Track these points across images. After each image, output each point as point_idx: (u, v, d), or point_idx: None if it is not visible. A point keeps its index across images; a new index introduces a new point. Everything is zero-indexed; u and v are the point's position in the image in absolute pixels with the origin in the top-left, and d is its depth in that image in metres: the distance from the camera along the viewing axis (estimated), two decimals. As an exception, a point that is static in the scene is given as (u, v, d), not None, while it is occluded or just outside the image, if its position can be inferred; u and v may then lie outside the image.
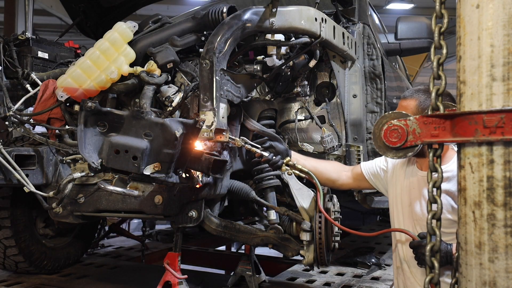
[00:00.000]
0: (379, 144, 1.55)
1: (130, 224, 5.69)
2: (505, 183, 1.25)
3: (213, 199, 2.26)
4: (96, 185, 2.27)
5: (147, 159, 1.67)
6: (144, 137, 1.70)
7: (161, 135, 1.68)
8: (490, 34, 1.27)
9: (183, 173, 1.90)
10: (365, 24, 2.96)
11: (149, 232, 4.40)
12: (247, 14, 2.04)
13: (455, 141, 1.36)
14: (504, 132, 1.23)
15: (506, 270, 1.25)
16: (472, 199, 1.31)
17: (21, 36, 2.61)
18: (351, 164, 2.72)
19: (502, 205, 1.26)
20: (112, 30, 2.28)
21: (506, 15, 1.25)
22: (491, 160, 1.27)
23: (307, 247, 2.25)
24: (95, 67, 2.23)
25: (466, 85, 1.33)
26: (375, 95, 2.84)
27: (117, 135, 1.75)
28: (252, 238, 2.23)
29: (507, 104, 1.24)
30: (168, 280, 2.25)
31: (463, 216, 1.35)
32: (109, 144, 1.71)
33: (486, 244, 1.28)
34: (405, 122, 1.49)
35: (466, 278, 1.34)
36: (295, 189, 2.35)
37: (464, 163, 1.34)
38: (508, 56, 1.25)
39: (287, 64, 2.31)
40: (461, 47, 1.35)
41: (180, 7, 10.48)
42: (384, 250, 3.84)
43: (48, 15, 11.48)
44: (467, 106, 1.33)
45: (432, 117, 1.43)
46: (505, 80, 1.25)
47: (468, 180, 1.33)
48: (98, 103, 1.77)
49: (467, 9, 1.32)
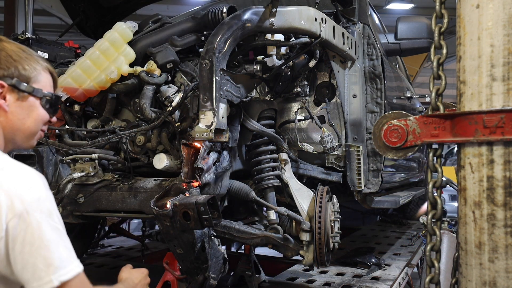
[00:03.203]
0: (379, 144, 1.55)
1: (130, 224, 5.69)
2: (505, 183, 1.25)
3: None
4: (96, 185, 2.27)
5: None
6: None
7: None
8: (490, 34, 1.27)
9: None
10: (365, 24, 2.96)
11: (149, 232, 4.40)
12: (247, 14, 2.04)
13: (455, 141, 1.36)
14: (504, 132, 1.23)
15: (506, 270, 1.25)
16: (472, 199, 1.32)
17: (21, 36, 2.61)
18: (351, 164, 2.72)
19: (502, 205, 1.26)
20: (112, 30, 2.28)
21: (506, 15, 1.25)
22: (491, 160, 1.27)
23: (306, 247, 2.25)
24: (95, 67, 2.23)
25: (466, 85, 1.33)
26: (375, 95, 2.84)
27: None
28: (251, 238, 2.23)
29: (507, 104, 1.25)
30: (167, 280, 2.25)
31: (463, 216, 1.35)
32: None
33: (486, 244, 1.28)
34: (405, 122, 1.49)
35: (466, 278, 1.34)
36: (294, 189, 2.35)
37: (464, 163, 1.34)
38: (508, 56, 1.25)
39: (287, 64, 2.31)
40: (461, 47, 1.35)
41: (180, 7, 10.47)
42: (384, 250, 3.84)
43: (48, 15, 11.48)
44: (467, 106, 1.33)
45: (432, 117, 1.43)
46: (505, 80, 1.25)
47: (468, 180, 1.33)
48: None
49: (467, 9, 1.32)
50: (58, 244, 1.11)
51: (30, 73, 1.26)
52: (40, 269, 1.08)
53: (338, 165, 2.78)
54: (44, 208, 1.10)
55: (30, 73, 1.26)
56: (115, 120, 2.43)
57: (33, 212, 1.08)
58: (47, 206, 1.12)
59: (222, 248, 2.14)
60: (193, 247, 1.94)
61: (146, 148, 2.26)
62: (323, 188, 2.34)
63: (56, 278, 1.09)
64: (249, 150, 2.38)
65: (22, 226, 1.07)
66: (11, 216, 1.06)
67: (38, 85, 1.27)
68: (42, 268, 1.08)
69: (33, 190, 1.10)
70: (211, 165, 1.96)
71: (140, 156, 2.28)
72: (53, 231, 1.11)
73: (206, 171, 1.92)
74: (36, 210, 1.08)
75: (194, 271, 2.04)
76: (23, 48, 1.27)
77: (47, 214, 1.11)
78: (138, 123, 2.26)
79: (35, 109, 1.27)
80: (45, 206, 1.11)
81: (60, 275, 1.09)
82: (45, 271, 1.08)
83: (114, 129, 2.30)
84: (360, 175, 2.73)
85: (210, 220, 1.77)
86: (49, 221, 1.11)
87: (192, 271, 2.05)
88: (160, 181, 2.16)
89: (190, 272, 2.06)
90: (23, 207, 1.07)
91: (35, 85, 1.26)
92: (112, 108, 2.39)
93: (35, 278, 1.08)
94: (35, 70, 1.27)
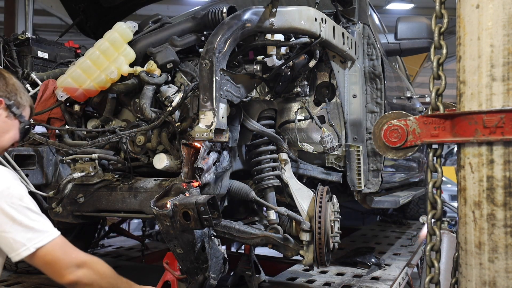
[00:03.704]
0: (379, 144, 1.55)
1: (130, 224, 5.69)
2: (505, 183, 1.25)
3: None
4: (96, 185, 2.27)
5: None
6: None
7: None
8: (490, 34, 1.27)
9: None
10: (365, 24, 2.96)
11: (149, 232, 4.40)
12: (247, 14, 2.04)
13: (455, 141, 1.36)
14: (504, 132, 1.23)
15: (506, 270, 1.26)
16: (472, 199, 1.32)
17: (21, 36, 2.62)
18: (351, 164, 2.72)
19: (502, 205, 1.26)
20: (112, 30, 2.28)
21: (506, 15, 1.25)
22: (491, 160, 1.27)
23: (306, 247, 2.25)
24: (95, 67, 2.23)
25: (466, 85, 1.33)
26: (375, 95, 2.84)
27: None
28: (251, 238, 2.23)
29: (507, 104, 1.25)
30: (167, 280, 2.25)
31: (463, 216, 1.35)
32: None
33: (486, 244, 1.28)
34: (405, 122, 1.49)
35: (466, 278, 1.34)
36: (294, 189, 2.35)
37: (464, 163, 1.34)
38: (508, 56, 1.25)
39: (287, 64, 2.31)
40: (461, 47, 1.35)
41: (180, 7, 10.48)
42: (384, 250, 3.84)
43: (48, 15, 11.48)
44: (467, 106, 1.33)
45: (432, 117, 1.43)
46: (505, 80, 1.25)
47: (468, 180, 1.33)
48: None
49: (467, 9, 1.32)
50: (30, 219, 1.39)
51: (23, 102, 1.63)
52: (17, 241, 1.35)
53: (338, 165, 2.78)
54: (12, 194, 1.39)
55: (23, 102, 1.63)
56: (115, 120, 2.43)
57: (2, 199, 1.36)
58: (13, 192, 1.40)
59: (222, 248, 2.14)
60: (193, 247, 1.94)
61: (146, 148, 2.26)
62: (323, 188, 2.34)
63: (32, 245, 1.36)
64: (249, 150, 2.38)
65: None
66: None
67: (24, 113, 1.64)
68: (19, 240, 1.35)
69: (2, 182, 1.40)
70: (211, 165, 1.96)
71: (140, 156, 2.28)
72: (24, 211, 1.39)
73: (206, 171, 1.92)
74: (4, 198, 1.37)
75: (194, 271, 2.05)
76: (21, 85, 1.68)
77: (18, 198, 1.40)
78: (138, 123, 2.26)
79: (14, 129, 1.61)
80: (11, 193, 1.39)
81: (34, 242, 1.37)
82: (21, 242, 1.35)
83: (114, 129, 2.30)
84: (360, 175, 2.73)
85: (210, 220, 1.77)
86: (20, 203, 1.39)
87: (192, 271, 2.05)
88: (160, 181, 2.16)
89: (190, 272, 2.06)
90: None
91: (22, 113, 1.63)
92: (112, 108, 2.39)
93: (13, 249, 1.36)
94: (26, 102, 1.66)
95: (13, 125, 1.60)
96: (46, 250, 1.38)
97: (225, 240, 2.60)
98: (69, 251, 1.43)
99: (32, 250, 1.36)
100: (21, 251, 1.36)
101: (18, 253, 1.36)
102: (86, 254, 1.51)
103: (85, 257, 1.49)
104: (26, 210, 1.40)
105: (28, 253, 1.36)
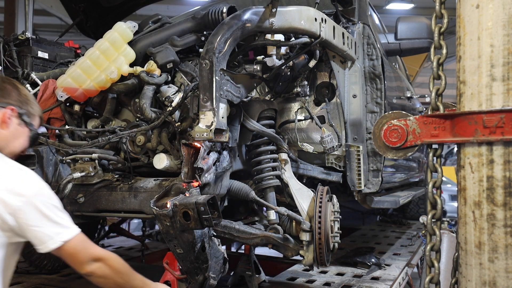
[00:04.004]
0: (379, 144, 1.55)
1: (130, 224, 5.69)
2: (505, 183, 1.25)
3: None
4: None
5: None
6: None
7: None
8: (490, 34, 1.27)
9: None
10: (365, 24, 2.96)
11: (149, 232, 4.40)
12: (247, 14, 2.04)
13: (455, 141, 1.36)
14: (504, 132, 1.23)
15: (506, 270, 1.26)
16: (472, 199, 1.32)
17: (21, 36, 2.61)
18: (351, 164, 2.72)
19: (502, 205, 1.26)
20: (112, 30, 2.28)
21: (506, 15, 1.25)
22: (491, 160, 1.27)
23: (306, 247, 2.25)
24: (95, 67, 2.23)
25: (466, 85, 1.33)
26: (375, 95, 2.84)
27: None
28: (251, 238, 2.23)
29: (507, 104, 1.25)
30: (167, 280, 2.25)
31: (463, 216, 1.35)
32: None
33: (486, 244, 1.28)
34: (405, 122, 1.49)
35: (466, 278, 1.34)
36: (294, 189, 2.35)
37: (464, 163, 1.34)
38: (508, 56, 1.25)
39: (287, 64, 2.31)
40: (461, 47, 1.35)
41: (180, 7, 10.47)
42: (384, 250, 3.84)
43: (48, 15, 11.48)
44: (467, 106, 1.33)
45: (432, 117, 1.43)
46: (505, 80, 1.25)
47: (468, 180, 1.33)
48: None
49: (467, 9, 1.32)
50: (58, 216, 1.58)
51: (33, 112, 1.77)
52: (46, 235, 1.54)
53: (338, 165, 2.78)
54: (44, 194, 1.58)
55: (33, 112, 1.77)
56: (115, 120, 2.43)
57: (34, 200, 1.53)
58: (45, 192, 1.58)
59: (222, 248, 2.14)
60: (193, 247, 1.94)
61: (146, 148, 2.26)
62: (323, 188, 2.34)
63: (58, 239, 1.55)
64: (249, 150, 2.38)
65: (28, 210, 1.52)
66: (17, 207, 1.51)
67: (33, 122, 1.77)
68: (48, 234, 1.55)
69: (31, 185, 1.57)
70: (211, 165, 1.96)
71: (140, 156, 2.28)
72: (53, 208, 1.57)
73: (206, 171, 1.92)
74: (37, 197, 1.54)
75: (194, 271, 2.05)
76: (33, 96, 1.84)
77: (49, 197, 1.58)
78: (138, 123, 2.26)
79: (24, 136, 1.74)
80: (43, 193, 1.58)
81: (61, 237, 1.56)
82: (50, 236, 1.55)
83: (114, 129, 2.30)
84: (360, 175, 2.73)
85: (210, 220, 1.77)
86: (50, 202, 1.58)
87: (192, 271, 2.05)
88: (160, 181, 2.16)
89: (190, 272, 2.06)
90: (26, 198, 1.52)
91: (32, 122, 1.76)
92: (112, 108, 2.39)
93: (42, 241, 1.55)
94: (36, 112, 1.79)
95: (24, 133, 1.74)
96: (69, 243, 1.57)
97: (225, 240, 2.60)
98: (88, 246, 1.63)
99: (58, 243, 1.56)
100: (49, 244, 1.55)
101: (47, 245, 1.55)
102: (104, 250, 1.69)
103: (102, 252, 1.66)
104: (54, 208, 1.58)
105: (55, 246, 1.55)
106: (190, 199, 1.79)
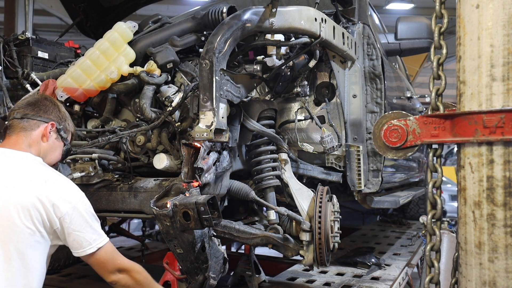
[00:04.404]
0: (379, 144, 1.55)
1: (130, 224, 5.69)
2: (505, 183, 1.25)
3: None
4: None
5: None
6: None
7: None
8: (490, 34, 1.27)
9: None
10: (365, 24, 2.96)
11: (149, 232, 4.40)
12: (247, 14, 2.04)
13: (455, 141, 1.36)
14: (504, 132, 1.23)
15: (506, 270, 1.26)
16: (472, 199, 1.32)
17: (21, 36, 2.61)
18: (351, 164, 2.72)
19: (502, 205, 1.26)
20: (112, 30, 2.28)
21: (506, 15, 1.25)
22: (491, 160, 1.27)
23: (306, 247, 2.25)
24: (95, 67, 2.23)
25: (466, 85, 1.33)
26: (375, 95, 2.84)
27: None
28: (251, 238, 2.23)
29: (507, 104, 1.25)
30: (167, 280, 2.25)
31: (463, 216, 1.35)
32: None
33: (486, 244, 1.28)
34: (405, 122, 1.49)
35: (466, 278, 1.34)
36: (294, 189, 2.35)
37: (464, 163, 1.34)
38: (508, 56, 1.25)
39: (287, 64, 2.31)
40: (461, 47, 1.35)
41: (180, 7, 10.48)
42: (384, 250, 3.84)
43: (48, 15, 11.48)
44: (467, 106, 1.33)
45: (432, 117, 1.43)
46: (505, 80, 1.25)
47: (468, 180, 1.33)
48: None
49: (467, 9, 1.32)
50: (95, 223, 1.72)
51: (69, 128, 1.95)
52: (86, 240, 1.67)
53: (338, 165, 2.77)
54: (86, 202, 1.74)
55: (69, 128, 1.95)
56: (115, 120, 2.43)
57: (79, 206, 1.68)
58: (86, 201, 1.74)
59: (222, 248, 2.14)
60: (193, 247, 1.94)
61: (146, 148, 2.26)
62: (323, 188, 2.34)
63: (95, 245, 1.69)
64: (249, 150, 2.38)
65: (74, 215, 1.66)
66: (65, 212, 1.64)
67: (68, 138, 1.94)
68: (87, 240, 1.68)
69: (76, 193, 1.73)
70: (211, 165, 1.96)
71: (140, 156, 2.28)
72: (92, 216, 1.72)
73: (206, 171, 1.92)
74: (81, 205, 1.70)
75: (194, 271, 2.05)
76: (69, 114, 1.99)
77: (89, 205, 1.74)
78: (138, 123, 2.26)
79: (59, 149, 1.91)
80: (85, 202, 1.73)
81: (97, 243, 1.69)
82: (89, 242, 1.68)
83: (114, 129, 2.30)
84: (360, 175, 2.73)
85: (210, 220, 1.77)
86: (90, 210, 1.73)
87: (192, 271, 2.05)
88: (160, 181, 2.16)
89: (190, 272, 2.06)
90: (73, 205, 1.67)
91: (67, 137, 1.93)
92: (112, 108, 2.39)
93: (82, 246, 1.67)
94: (71, 128, 1.97)
95: (59, 146, 1.90)
96: (101, 251, 1.71)
97: (225, 240, 2.60)
98: (116, 257, 1.76)
99: (94, 249, 1.69)
100: (87, 249, 1.68)
101: (84, 250, 1.68)
102: (130, 261, 1.80)
103: (127, 264, 1.78)
104: (92, 216, 1.73)
105: (91, 251, 1.69)
106: (190, 199, 1.79)
